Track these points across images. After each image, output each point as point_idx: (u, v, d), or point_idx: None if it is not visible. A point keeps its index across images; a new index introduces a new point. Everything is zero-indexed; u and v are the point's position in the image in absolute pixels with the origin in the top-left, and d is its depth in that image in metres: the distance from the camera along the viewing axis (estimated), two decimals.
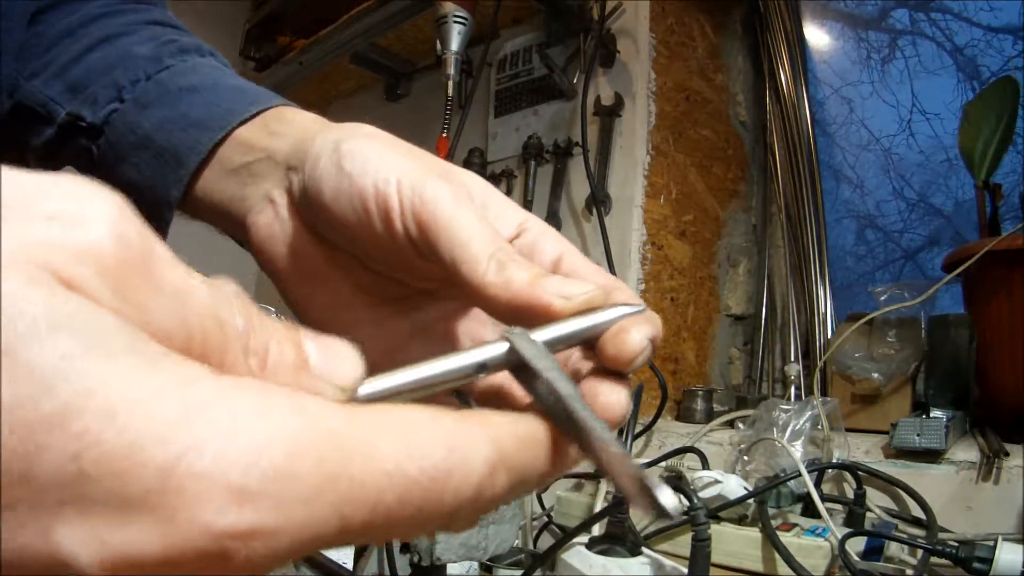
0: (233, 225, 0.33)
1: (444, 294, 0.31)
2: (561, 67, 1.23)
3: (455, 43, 1.10)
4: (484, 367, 0.21)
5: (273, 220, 0.31)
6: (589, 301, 0.23)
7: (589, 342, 0.24)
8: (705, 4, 1.30)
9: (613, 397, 0.23)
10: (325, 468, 0.14)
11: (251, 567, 0.14)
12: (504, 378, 0.26)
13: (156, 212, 0.34)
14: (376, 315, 0.31)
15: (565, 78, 1.23)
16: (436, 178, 0.26)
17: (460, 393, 0.27)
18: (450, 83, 1.10)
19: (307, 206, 0.29)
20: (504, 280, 0.24)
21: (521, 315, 0.23)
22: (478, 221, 0.25)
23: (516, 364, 0.21)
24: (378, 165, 0.26)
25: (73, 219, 0.14)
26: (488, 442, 0.17)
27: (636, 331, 0.23)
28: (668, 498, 0.18)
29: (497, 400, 0.28)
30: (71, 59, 0.37)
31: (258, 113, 0.33)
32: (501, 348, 0.21)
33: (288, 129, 0.32)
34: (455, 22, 1.09)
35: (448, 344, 0.31)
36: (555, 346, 0.23)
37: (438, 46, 1.11)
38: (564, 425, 0.20)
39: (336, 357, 0.18)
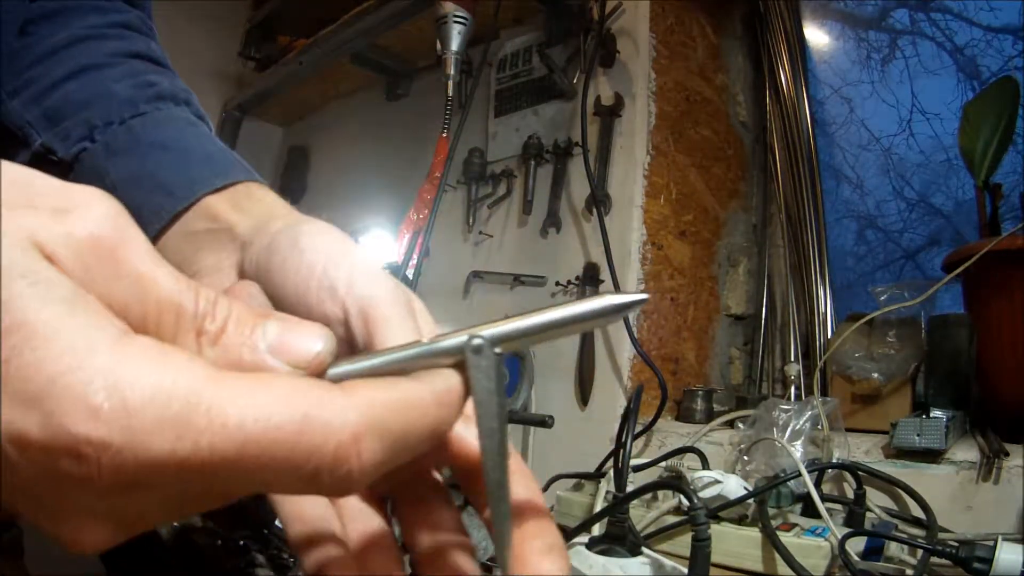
0: None
1: None
2: (561, 67, 1.23)
3: (455, 43, 1.10)
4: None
5: (218, 289, 0.31)
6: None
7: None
8: (705, 4, 1.30)
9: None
10: (168, 412, 0.18)
11: (111, 478, 0.18)
12: None
13: None
14: None
15: (565, 78, 1.23)
16: (383, 274, 0.28)
17: None
18: (450, 83, 1.10)
19: (253, 276, 0.30)
20: None
21: None
22: (408, 324, 0.27)
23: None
24: (331, 250, 0.28)
25: (65, 214, 0.19)
26: (355, 410, 0.19)
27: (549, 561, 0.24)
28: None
29: None
30: (51, 84, 0.38)
31: (226, 186, 0.34)
32: (458, 343, 0.22)
33: (255, 207, 0.33)
34: (455, 22, 1.09)
35: None
36: (523, 338, 0.23)
37: (438, 46, 1.11)
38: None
39: (298, 337, 0.21)
